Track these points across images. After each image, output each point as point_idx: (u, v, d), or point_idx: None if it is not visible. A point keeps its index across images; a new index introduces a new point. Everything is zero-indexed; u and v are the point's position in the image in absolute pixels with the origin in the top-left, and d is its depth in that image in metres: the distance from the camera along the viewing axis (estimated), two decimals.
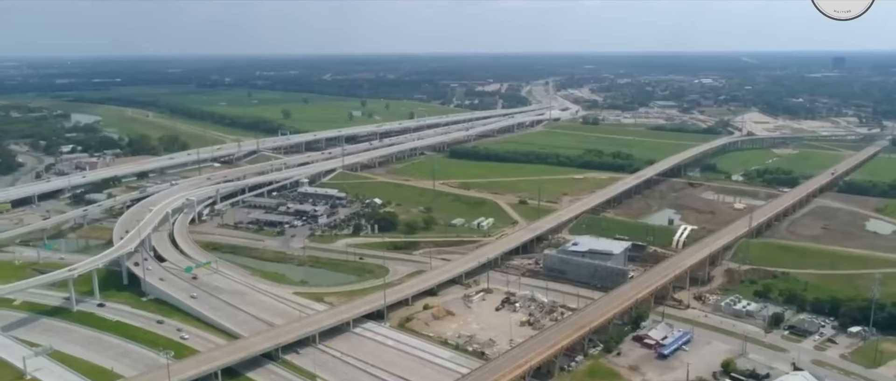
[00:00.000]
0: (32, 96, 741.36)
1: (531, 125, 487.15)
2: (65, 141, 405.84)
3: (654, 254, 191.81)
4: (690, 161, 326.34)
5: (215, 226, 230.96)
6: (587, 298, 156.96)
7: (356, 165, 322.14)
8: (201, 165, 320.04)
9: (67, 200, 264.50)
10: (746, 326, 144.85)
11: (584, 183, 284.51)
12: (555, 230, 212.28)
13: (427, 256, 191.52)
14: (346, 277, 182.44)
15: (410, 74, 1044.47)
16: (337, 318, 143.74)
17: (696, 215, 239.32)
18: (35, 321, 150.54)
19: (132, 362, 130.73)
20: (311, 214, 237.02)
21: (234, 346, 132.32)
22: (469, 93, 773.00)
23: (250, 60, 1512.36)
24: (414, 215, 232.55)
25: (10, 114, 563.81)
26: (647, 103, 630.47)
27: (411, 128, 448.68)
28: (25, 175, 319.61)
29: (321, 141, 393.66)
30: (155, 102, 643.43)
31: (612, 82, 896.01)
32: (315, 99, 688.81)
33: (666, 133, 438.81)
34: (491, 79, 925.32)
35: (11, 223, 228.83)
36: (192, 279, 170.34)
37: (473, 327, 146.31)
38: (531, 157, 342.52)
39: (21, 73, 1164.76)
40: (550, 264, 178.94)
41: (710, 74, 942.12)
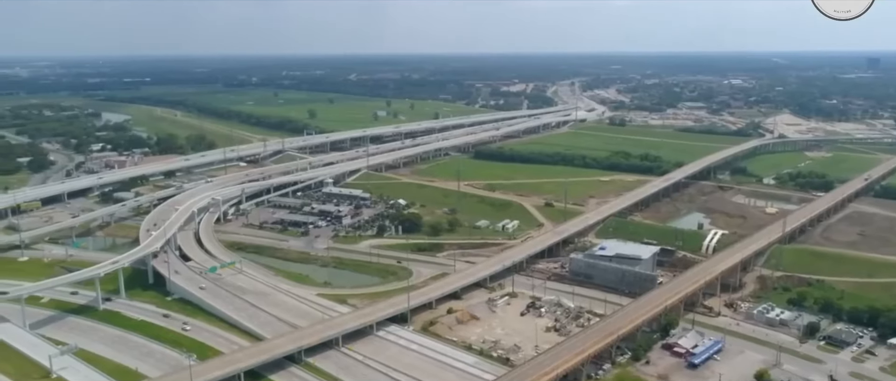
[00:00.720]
0: (65, 95, 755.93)
1: (557, 126, 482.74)
2: (95, 140, 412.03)
3: (684, 259, 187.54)
4: (720, 164, 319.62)
5: (240, 225, 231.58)
6: (615, 304, 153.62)
7: (381, 166, 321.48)
8: (227, 165, 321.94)
9: (96, 198, 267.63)
10: (780, 335, 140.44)
11: (610, 185, 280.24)
12: (581, 234, 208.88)
13: (451, 258, 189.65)
14: (369, 278, 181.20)
15: (435, 74, 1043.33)
16: (360, 321, 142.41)
17: (727, 219, 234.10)
18: (62, 319, 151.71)
19: (156, 362, 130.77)
20: (336, 214, 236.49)
21: (257, 348, 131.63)
22: (494, 93, 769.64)
23: (277, 60, 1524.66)
24: (438, 217, 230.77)
25: (43, 113, 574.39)
26: (675, 104, 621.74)
27: (436, 128, 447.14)
28: (56, 173, 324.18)
29: (346, 141, 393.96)
30: (183, 102, 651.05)
31: (639, 83, 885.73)
32: (340, 99, 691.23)
33: (694, 135, 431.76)
34: (516, 79, 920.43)
35: (41, 221, 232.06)
36: (217, 279, 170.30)
37: (498, 332, 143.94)
38: (557, 158, 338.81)
39: (54, 72, 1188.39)
40: (577, 268, 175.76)
41: (740, 75, 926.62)
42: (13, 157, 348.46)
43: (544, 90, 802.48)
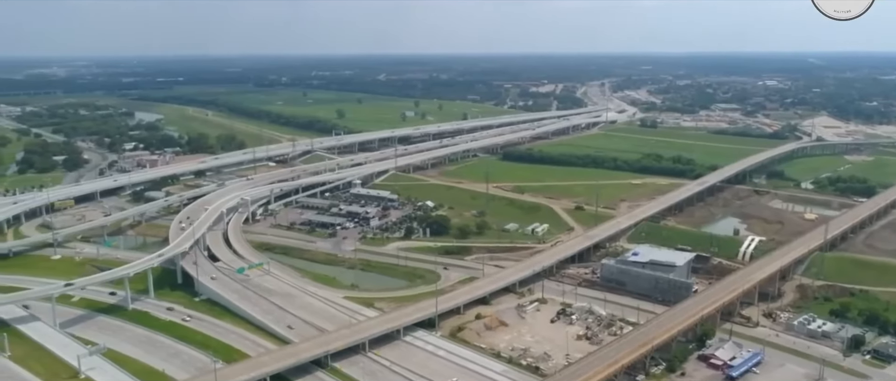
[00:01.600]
0: (100, 95, 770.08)
1: (587, 128, 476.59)
2: (128, 139, 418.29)
3: (719, 266, 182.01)
4: (756, 167, 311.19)
5: (268, 226, 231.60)
6: (648, 312, 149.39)
7: (408, 167, 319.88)
8: (257, 165, 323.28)
9: (128, 197, 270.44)
10: (822, 348, 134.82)
11: (642, 189, 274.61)
12: (612, 238, 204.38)
13: (479, 262, 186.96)
14: (396, 281, 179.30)
15: (464, 75, 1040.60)
16: (387, 325, 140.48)
17: (764, 224, 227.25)
18: (91, 319, 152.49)
19: (183, 363, 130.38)
20: (363, 216, 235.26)
21: (283, 352, 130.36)
22: (523, 94, 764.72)
23: (306, 60, 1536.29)
24: (466, 219, 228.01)
25: (79, 112, 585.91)
26: (708, 106, 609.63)
27: (464, 129, 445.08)
28: (90, 172, 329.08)
29: (374, 142, 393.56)
30: (214, 101, 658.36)
31: (671, 84, 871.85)
32: (369, 99, 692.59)
33: (729, 137, 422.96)
34: (545, 80, 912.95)
35: (74, 219, 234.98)
36: (244, 280, 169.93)
37: (527, 339, 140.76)
38: (587, 160, 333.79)
39: (90, 72, 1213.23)
40: (608, 274, 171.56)
41: (775, 76, 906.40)
42: (49, 155, 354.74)
43: (574, 91, 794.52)
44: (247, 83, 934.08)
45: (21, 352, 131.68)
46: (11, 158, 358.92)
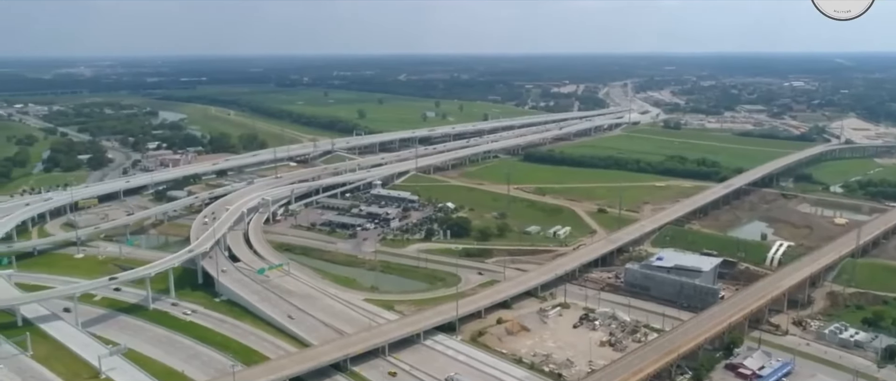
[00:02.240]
0: (125, 94, 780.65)
1: (609, 129, 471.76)
2: (151, 138, 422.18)
3: (747, 272, 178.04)
4: (783, 170, 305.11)
5: (289, 226, 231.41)
6: (673, 318, 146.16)
7: (429, 168, 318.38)
8: (278, 164, 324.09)
9: (150, 196, 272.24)
10: (855, 358, 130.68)
11: (666, 191, 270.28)
12: (636, 242, 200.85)
13: (500, 264, 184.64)
14: (416, 284, 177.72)
15: (484, 75, 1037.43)
16: (407, 329, 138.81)
17: (792, 229, 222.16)
18: (113, 318, 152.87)
19: (202, 365, 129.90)
20: (383, 217, 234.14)
21: (302, 355, 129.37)
22: (544, 94, 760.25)
23: (328, 60, 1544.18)
24: (487, 221, 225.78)
25: (104, 111, 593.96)
26: (734, 107, 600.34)
27: (485, 130, 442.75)
28: (113, 171, 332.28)
29: (395, 142, 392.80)
30: (236, 101, 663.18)
31: (695, 84, 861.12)
32: (390, 99, 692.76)
33: (754, 139, 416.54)
34: (567, 80, 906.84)
35: (97, 218, 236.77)
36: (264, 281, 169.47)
37: (549, 344, 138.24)
38: (610, 162, 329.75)
39: (116, 72, 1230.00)
40: (632, 279, 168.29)
41: (802, 77, 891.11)
42: (74, 154, 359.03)
43: (596, 92, 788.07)
44: (269, 83, 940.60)
45: (43, 351, 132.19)
46: (38, 156, 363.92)
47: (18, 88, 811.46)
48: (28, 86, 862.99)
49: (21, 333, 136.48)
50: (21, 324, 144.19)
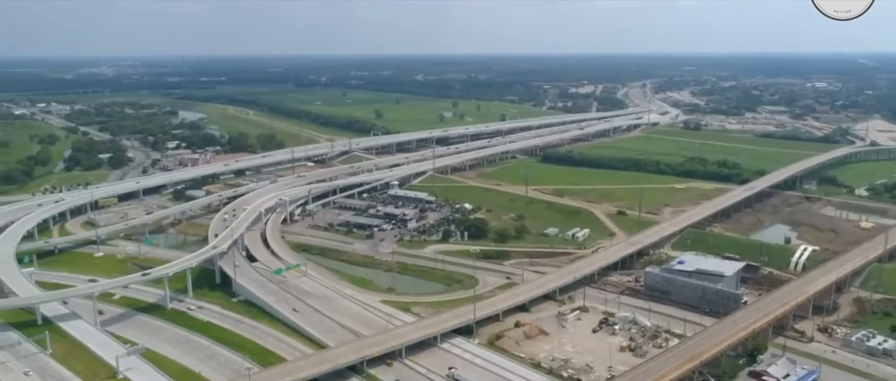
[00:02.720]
0: (146, 94, 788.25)
1: (628, 129, 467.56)
2: (171, 137, 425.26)
3: (770, 276, 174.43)
4: (806, 172, 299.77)
5: (306, 226, 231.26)
6: (695, 324, 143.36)
7: (446, 168, 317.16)
8: (295, 164, 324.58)
9: (169, 195, 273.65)
10: (883, 367, 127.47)
11: (687, 193, 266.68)
12: (656, 245, 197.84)
13: (518, 267, 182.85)
14: (433, 286, 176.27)
15: (502, 75, 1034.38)
16: (424, 332, 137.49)
17: (816, 233, 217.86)
18: (131, 318, 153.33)
19: (219, 365, 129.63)
20: (401, 217, 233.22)
21: (318, 357, 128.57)
22: (562, 95, 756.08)
23: (345, 60, 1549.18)
24: (505, 223, 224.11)
25: (125, 110, 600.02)
26: (755, 108, 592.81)
27: (502, 130, 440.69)
28: (133, 170, 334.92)
29: (412, 142, 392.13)
30: (255, 101, 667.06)
31: (715, 85, 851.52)
32: (407, 99, 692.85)
33: (776, 141, 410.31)
34: (585, 80, 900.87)
35: (117, 217, 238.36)
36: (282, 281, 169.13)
37: (568, 349, 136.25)
38: (628, 163, 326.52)
39: (137, 71, 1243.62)
40: (652, 282, 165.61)
41: (824, 77, 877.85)
42: (95, 153, 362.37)
43: (614, 92, 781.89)
44: (287, 83, 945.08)
45: (62, 350, 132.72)
46: (59, 155, 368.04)
47: (41, 88, 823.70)
48: (51, 85, 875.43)
49: (40, 331, 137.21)
50: (40, 322, 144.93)
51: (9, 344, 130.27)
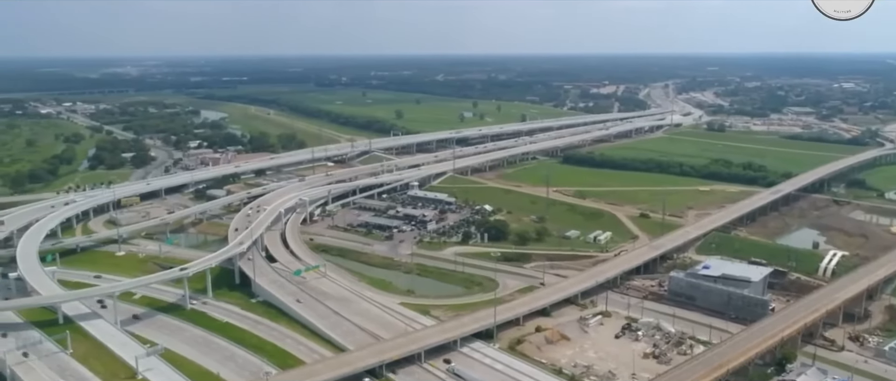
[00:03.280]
0: (169, 93, 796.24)
1: (650, 131, 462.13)
2: (193, 136, 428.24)
3: (798, 282, 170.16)
4: (834, 175, 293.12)
5: (325, 227, 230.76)
6: (721, 330, 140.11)
7: (466, 169, 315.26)
8: (315, 164, 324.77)
9: (190, 194, 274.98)
10: None
11: (711, 196, 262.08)
12: (680, 249, 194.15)
13: (539, 270, 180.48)
14: (453, 288, 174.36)
15: (522, 76, 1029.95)
16: (444, 335, 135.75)
17: (845, 238, 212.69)
18: (151, 317, 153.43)
19: (238, 367, 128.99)
20: (420, 218, 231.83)
21: (337, 360, 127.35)
22: (583, 95, 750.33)
23: (366, 60, 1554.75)
24: (525, 225, 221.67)
25: (148, 110, 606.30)
26: (780, 109, 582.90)
27: (523, 131, 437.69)
28: (155, 169, 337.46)
29: (432, 143, 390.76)
30: (276, 100, 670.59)
31: (739, 86, 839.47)
32: (427, 99, 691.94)
33: (803, 143, 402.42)
34: (606, 81, 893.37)
35: (139, 216, 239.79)
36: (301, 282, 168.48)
37: (591, 355, 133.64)
38: (651, 165, 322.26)
39: (161, 71, 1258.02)
40: (677, 287, 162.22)
41: (852, 78, 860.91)
42: (118, 152, 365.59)
43: (636, 93, 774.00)
44: (308, 83, 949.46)
45: (82, 350, 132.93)
46: (84, 154, 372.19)
47: (68, 88, 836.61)
48: (77, 85, 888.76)
49: (62, 330, 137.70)
50: (62, 322, 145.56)
51: (31, 343, 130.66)
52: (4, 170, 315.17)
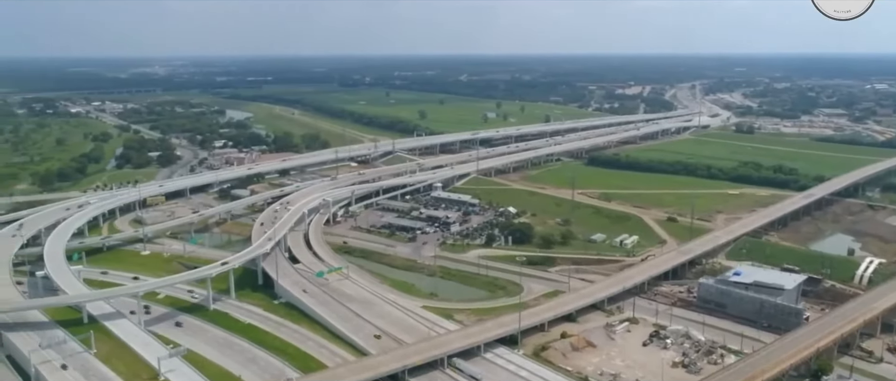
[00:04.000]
0: (195, 93, 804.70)
1: (677, 132, 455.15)
2: (218, 136, 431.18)
3: (832, 290, 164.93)
4: (868, 179, 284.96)
5: (349, 228, 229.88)
6: (752, 339, 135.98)
7: (490, 170, 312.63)
8: (339, 164, 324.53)
9: (215, 194, 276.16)
10: None
11: (740, 200, 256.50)
12: (709, 254, 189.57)
13: (564, 274, 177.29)
14: (476, 292, 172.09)
15: (546, 76, 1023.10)
16: (468, 340, 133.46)
17: (881, 244, 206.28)
18: (174, 318, 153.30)
19: (260, 370, 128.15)
20: (443, 220, 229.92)
21: (360, 364, 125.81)
22: (608, 96, 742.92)
23: (389, 60, 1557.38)
24: (550, 228, 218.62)
25: (174, 109, 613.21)
26: (811, 111, 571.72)
27: (547, 132, 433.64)
28: (181, 168, 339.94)
29: (456, 143, 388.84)
30: (300, 100, 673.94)
31: (768, 86, 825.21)
32: (450, 100, 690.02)
33: (835, 145, 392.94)
34: (632, 81, 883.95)
35: (165, 215, 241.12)
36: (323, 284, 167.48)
37: (617, 363, 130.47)
38: (678, 167, 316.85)
39: (187, 71, 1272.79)
40: (707, 294, 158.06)
41: (885, 79, 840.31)
42: (145, 151, 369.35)
43: (662, 93, 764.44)
44: (332, 83, 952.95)
45: (106, 350, 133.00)
46: (111, 153, 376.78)
47: (97, 87, 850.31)
48: (106, 84, 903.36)
49: (86, 330, 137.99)
50: (86, 321, 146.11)
51: (55, 343, 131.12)
52: (34, 168, 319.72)
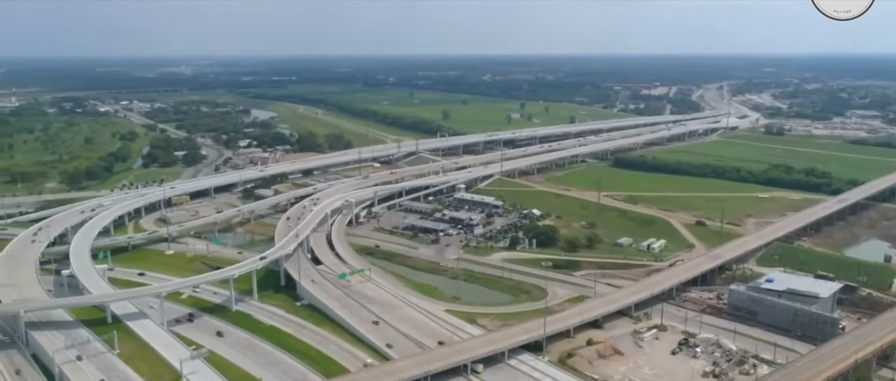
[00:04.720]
0: (220, 93, 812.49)
1: (704, 134, 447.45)
2: (242, 136, 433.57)
3: (869, 298, 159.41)
4: None
5: (371, 229, 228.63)
6: (786, 349, 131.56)
7: (514, 172, 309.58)
8: (362, 165, 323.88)
9: (239, 194, 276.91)
10: None
11: (771, 203, 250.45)
12: (740, 260, 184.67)
13: (590, 278, 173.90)
14: (500, 296, 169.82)
15: (571, 76, 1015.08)
16: (492, 346, 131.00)
17: None
18: (197, 318, 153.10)
19: (282, 373, 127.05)
20: (467, 222, 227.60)
21: (381, 369, 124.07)
22: (634, 96, 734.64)
23: (413, 60, 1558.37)
24: (575, 231, 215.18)
25: (200, 108, 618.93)
26: (843, 112, 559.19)
27: (572, 133, 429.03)
28: (206, 168, 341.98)
29: (479, 144, 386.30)
30: (324, 100, 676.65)
31: (798, 87, 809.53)
32: (474, 100, 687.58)
33: (869, 148, 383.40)
34: (658, 82, 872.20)
35: (188, 215, 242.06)
36: (346, 286, 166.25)
37: (645, 372, 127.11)
38: (706, 170, 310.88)
39: (213, 70, 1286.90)
40: (737, 301, 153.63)
41: None
42: (171, 150, 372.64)
43: (689, 94, 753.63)
44: (356, 83, 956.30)
45: (128, 350, 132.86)
46: (138, 152, 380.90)
47: (125, 87, 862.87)
48: (134, 84, 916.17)
49: (110, 330, 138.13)
50: (110, 321, 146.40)
51: (79, 343, 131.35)
52: (63, 167, 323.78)
